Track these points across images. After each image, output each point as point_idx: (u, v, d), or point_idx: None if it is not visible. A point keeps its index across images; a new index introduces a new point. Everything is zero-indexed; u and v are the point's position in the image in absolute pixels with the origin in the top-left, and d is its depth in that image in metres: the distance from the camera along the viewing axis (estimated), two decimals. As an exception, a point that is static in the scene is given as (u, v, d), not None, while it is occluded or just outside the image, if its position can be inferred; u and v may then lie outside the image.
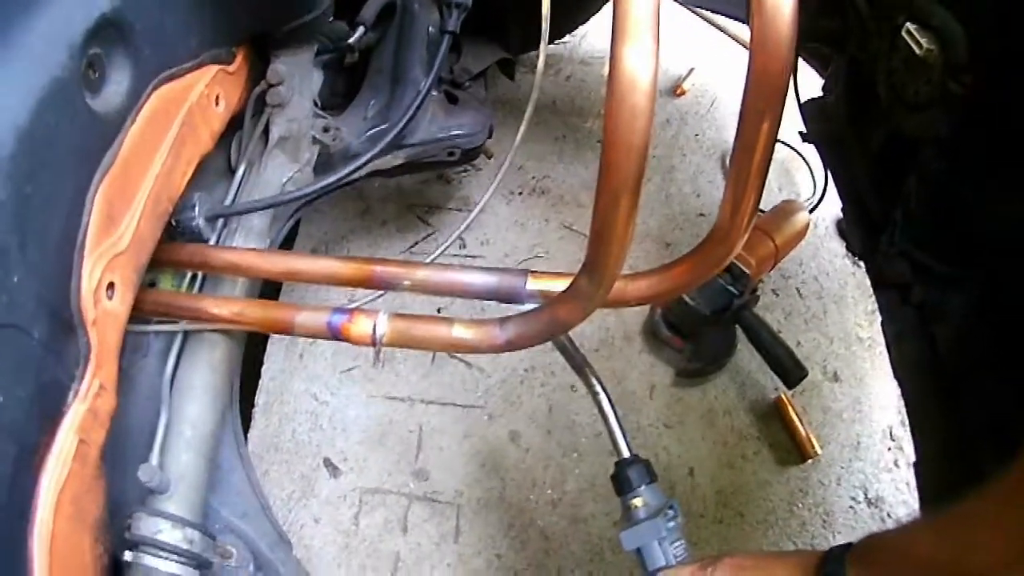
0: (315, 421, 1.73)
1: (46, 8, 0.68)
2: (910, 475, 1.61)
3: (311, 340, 1.81)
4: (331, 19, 1.26)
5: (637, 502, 1.09)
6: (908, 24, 1.10)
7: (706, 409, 1.85)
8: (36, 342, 0.69)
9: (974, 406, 1.13)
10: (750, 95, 0.79)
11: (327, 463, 1.68)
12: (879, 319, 2.06)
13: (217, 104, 1.06)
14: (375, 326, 0.97)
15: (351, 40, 1.41)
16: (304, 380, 1.79)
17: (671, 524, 1.06)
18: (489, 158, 2.21)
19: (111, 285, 0.83)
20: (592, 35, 2.66)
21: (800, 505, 1.73)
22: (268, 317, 1.02)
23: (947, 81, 1.07)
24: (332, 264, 1.06)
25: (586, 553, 1.63)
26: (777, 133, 0.83)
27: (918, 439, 1.23)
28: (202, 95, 1.00)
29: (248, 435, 1.71)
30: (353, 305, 1.25)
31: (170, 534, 0.91)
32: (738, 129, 0.83)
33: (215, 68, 1.03)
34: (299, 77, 1.26)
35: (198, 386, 1.04)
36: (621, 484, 1.11)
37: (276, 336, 1.81)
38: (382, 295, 1.24)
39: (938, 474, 1.20)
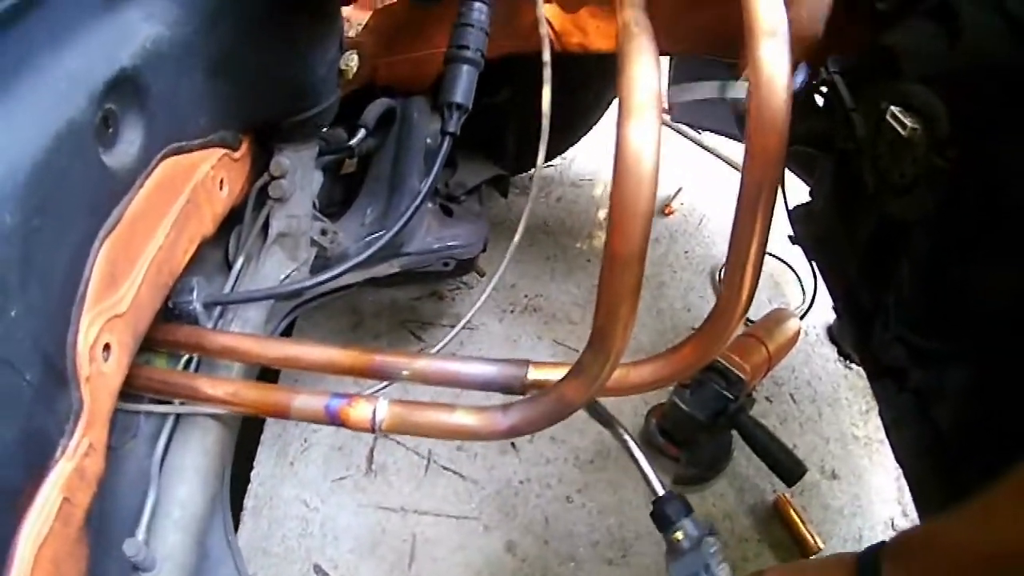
0: (305, 527, 1.68)
1: (71, 50, 0.70)
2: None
3: (304, 446, 1.78)
4: (333, 119, 1.30)
5: (679, 535, 1.13)
6: (892, 108, 1.13)
7: (704, 515, 1.80)
8: (27, 384, 0.68)
9: (979, 486, 1.11)
10: (748, 167, 0.80)
11: (317, 569, 1.62)
12: (874, 417, 2.08)
13: (221, 188, 1.08)
14: (375, 411, 0.94)
15: (352, 142, 1.44)
16: (294, 486, 1.74)
17: (713, 550, 1.10)
18: (481, 275, 2.24)
19: (107, 346, 0.82)
20: (580, 159, 2.74)
21: None
22: (265, 400, 0.99)
23: (932, 157, 1.08)
24: (331, 352, 1.05)
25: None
26: (774, 209, 0.83)
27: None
28: (208, 176, 1.02)
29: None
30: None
31: (155, 614, 0.87)
32: (736, 208, 0.83)
33: (221, 151, 1.05)
34: (301, 173, 1.28)
35: (189, 468, 1.01)
36: (661, 520, 1.14)
37: (269, 440, 1.79)
38: (384, 386, 1.23)
39: None
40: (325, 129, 1.31)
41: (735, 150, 2.89)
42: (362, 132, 1.47)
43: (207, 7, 0.90)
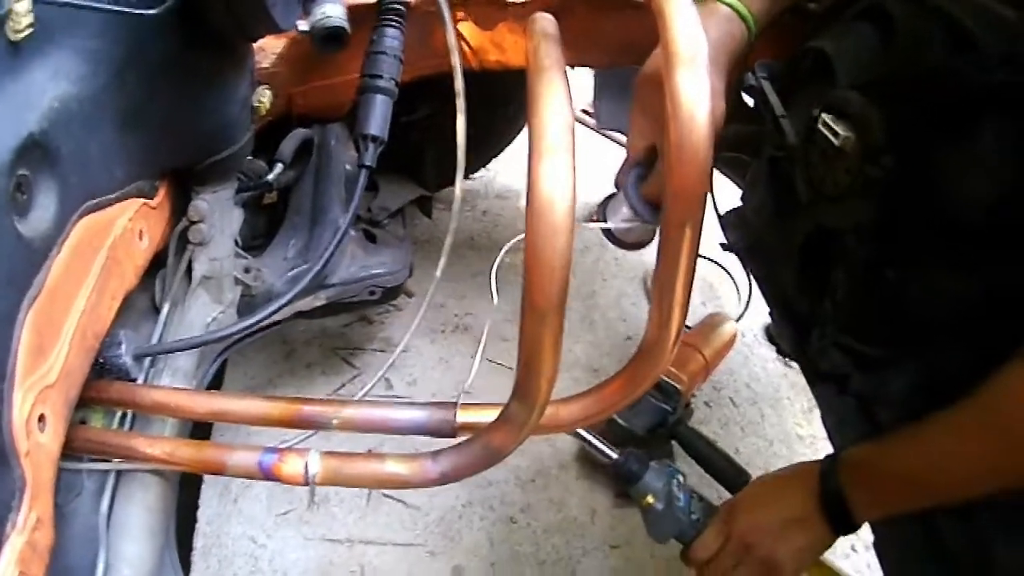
0: (255, 564, 1.67)
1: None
2: (869, 556, 1.65)
3: (246, 483, 1.77)
4: (250, 156, 1.30)
5: (650, 499, 1.18)
6: (824, 115, 1.13)
7: (653, 527, 1.84)
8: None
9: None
10: (669, 208, 0.78)
11: (268, 608, 1.62)
12: (818, 416, 2.12)
13: (141, 239, 1.07)
14: (306, 465, 0.95)
15: (270, 177, 1.44)
16: (241, 523, 1.73)
17: (681, 497, 1.19)
18: (410, 297, 2.25)
19: (42, 417, 0.81)
20: (505, 171, 2.76)
21: None
22: (200, 458, 1.00)
23: (865, 167, 1.08)
24: (259, 404, 1.05)
25: None
26: (699, 244, 0.82)
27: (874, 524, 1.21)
28: (126, 229, 1.01)
29: (189, 577, 1.64)
30: (285, 445, 1.24)
31: None
32: (660, 245, 0.81)
33: (139, 202, 1.04)
34: (220, 214, 1.27)
35: (135, 526, 1.00)
36: (627, 478, 1.20)
37: (210, 479, 1.77)
38: (312, 434, 1.23)
39: (899, 552, 1.20)
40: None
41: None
42: (279, 167, 1.47)
43: (114, 60, 0.89)
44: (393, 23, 1.32)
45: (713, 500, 1.83)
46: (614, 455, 1.23)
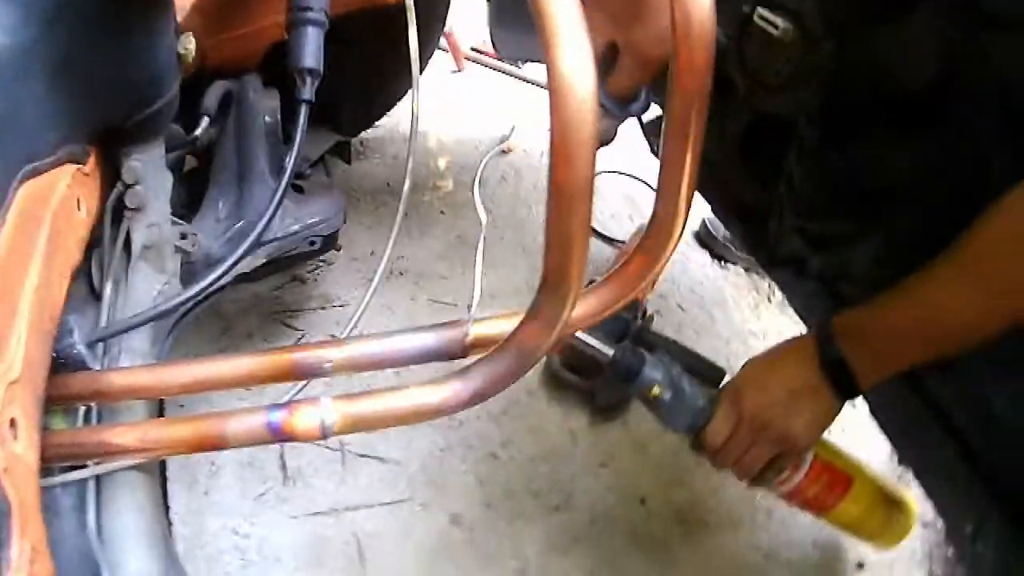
0: (243, 556, 1.51)
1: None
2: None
3: (213, 470, 1.60)
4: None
5: (656, 390, 1.14)
6: (758, 8, 1.11)
7: (633, 439, 1.78)
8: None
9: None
10: (679, 83, 0.80)
11: (273, 598, 1.48)
12: (765, 311, 2.10)
13: (79, 208, 0.91)
14: (322, 415, 0.81)
15: (197, 132, 1.28)
16: (218, 515, 1.56)
17: (686, 385, 1.16)
18: (338, 251, 2.10)
19: (13, 422, 0.66)
20: (408, 114, 2.60)
21: (758, 495, 1.70)
22: (196, 434, 0.84)
23: (806, 55, 1.09)
24: (244, 363, 0.91)
25: (572, 611, 1.52)
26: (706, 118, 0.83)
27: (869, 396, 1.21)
28: (65, 197, 0.85)
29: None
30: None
31: None
32: (666, 122, 0.83)
33: (72, 167, 0.88)
34: (154, 176, 1.11)
35: (132, 534, 0.86)
36: (626, 374, 1.16)
37: (173, 475, 1.59)
38: (303, 386, 1.09)
39: (899, 421, 1.23)
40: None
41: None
42: (205, 120, 1.31)
43: (43, 10, 0.76)
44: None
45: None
46: (610, 352, 1.17)
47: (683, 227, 0.91)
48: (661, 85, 1.28)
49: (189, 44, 1.15)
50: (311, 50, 1.15)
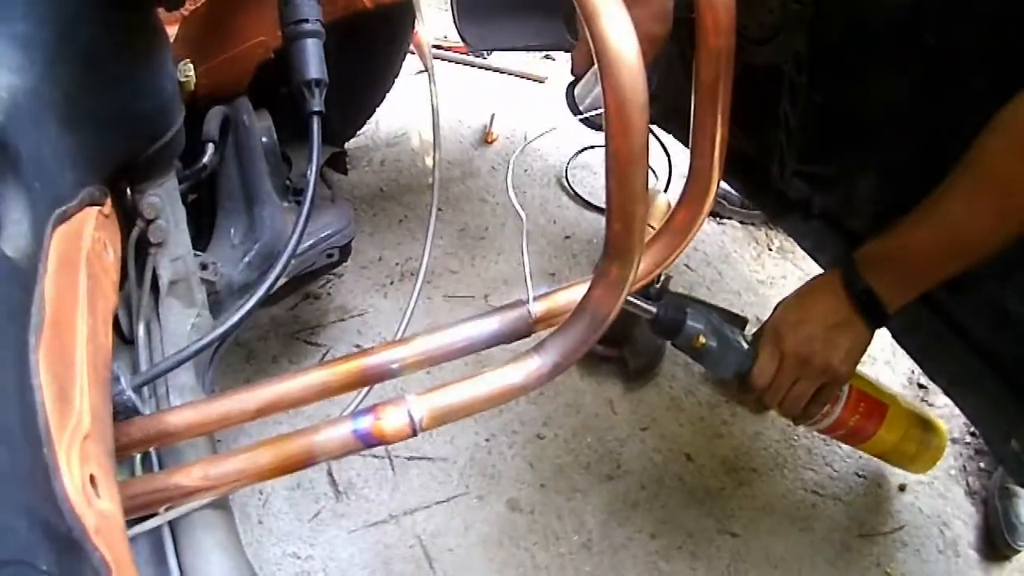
0: (310, 579, 1.45)
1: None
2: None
3: (261, 499, 1.52)
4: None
5: (702, 339, 1.12)
6: None
7: (669, 399, 1.75)
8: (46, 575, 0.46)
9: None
10: (705, 45, 0.85)
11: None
12: (768, 259, 2.07)
13: (107, 251, 0.84)
14: (409, 412, 0.77)
15: (204, 160, 1.22)
16: (276, 544, 1.48)
17: (728, 331, 1.13)
18: (345, 262, 2.04)
19: (92, 479, 0.59)
20: (385, 118, 2.52)
21: (796, 436, 1.70)
22: (283, 455, 0.78)
23: (787, 4, 1.12)
24: (314, 376, 0.86)
25: (642, 573, 1.48)
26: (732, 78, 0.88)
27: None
28: (95, 240, 0.78)
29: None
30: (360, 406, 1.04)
31: None
32: (695, 84, 0.88)
33: (94, 210, 0.81)
34: (171, 209, 1.05)
35: (220, 574, 0.80)
36: (669, 330, 1.13)
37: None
38: (367, 391, 1.03)
39: (920, 340, 1.21)
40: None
41: (533, 65, 2.80)
42: (210, 147, 1.25)
43: (45, 45, 0.70)
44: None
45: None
46: (654, 309, 1.13)
47: (719, 179, 0.94)
48: (654, 62, 1.27)
49: (188, 72, 1.10)
50: (314, 61, 1.08)
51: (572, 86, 1.26)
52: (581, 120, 1.23)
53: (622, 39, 0.61)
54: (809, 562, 1.53)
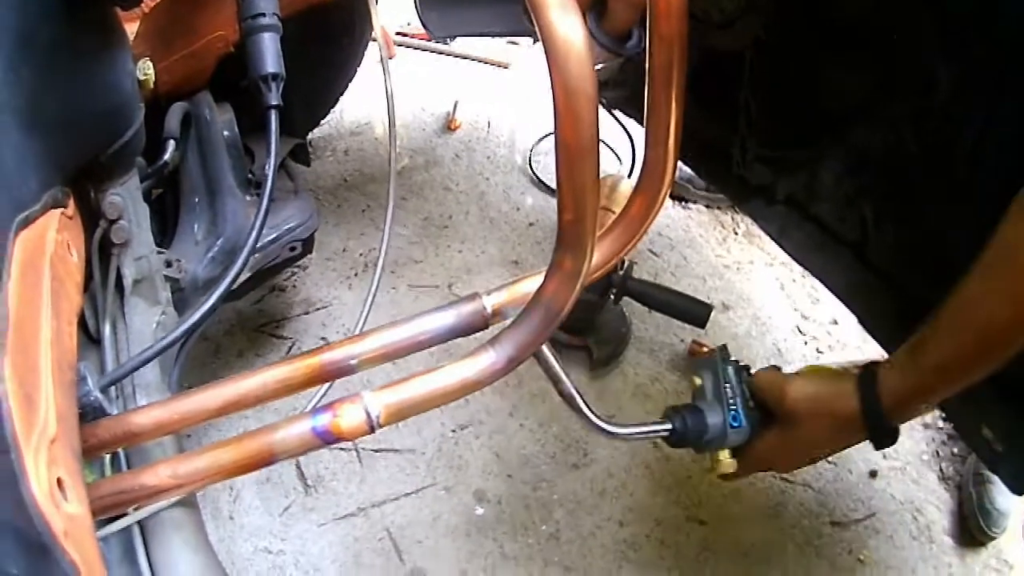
0: (282, 573, 1.45)
1: None
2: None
3: (232, 494, 1.53)
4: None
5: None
6: None
7: (634, 387, 1.77)
8: (18, 580, 0.48)
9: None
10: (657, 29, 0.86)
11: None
12: (733, 244, 2.09)
13: (71, 253, 0.84)
14: (366, 409, 0.79)
15: (166, 157, 1.22)
16: (248, 539, 1.49)
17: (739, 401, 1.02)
18: (309, 253, 2.04)
19: (60, 482, 0.60)
20: (349, 108, 2.52)
21: None
22: (244, 455, 0.80)
23: None
24: (274, 374, 0.87)
25: (611, 562, 1.50)
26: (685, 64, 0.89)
27: (854, 305, 1.25)
28: (58, 243, 0.79)
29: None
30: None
31: None
32: (648, 70, 0.89)
33: (57, 213, 0.82)
34: (134, 208, 1.05)
35: (190, 573, 0.81)
36: (696, 444, 1.04)
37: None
38: (328, 388, 1.04)
39: (889, 330, 1.21)
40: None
41: (496, 51, 2.79)
42: (171, 143, 1.24)
43: (5, 55, 0.70)
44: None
45: (677, 346, 1.82)
46: (669, 425, 1.05)
47: (675, 165, 0.95)
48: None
49: (148, 69, 1.10)
50: (270, 55, 1.08)
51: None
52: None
53: (570, 30, 0.61)
54: (780, 549, 1.56)
